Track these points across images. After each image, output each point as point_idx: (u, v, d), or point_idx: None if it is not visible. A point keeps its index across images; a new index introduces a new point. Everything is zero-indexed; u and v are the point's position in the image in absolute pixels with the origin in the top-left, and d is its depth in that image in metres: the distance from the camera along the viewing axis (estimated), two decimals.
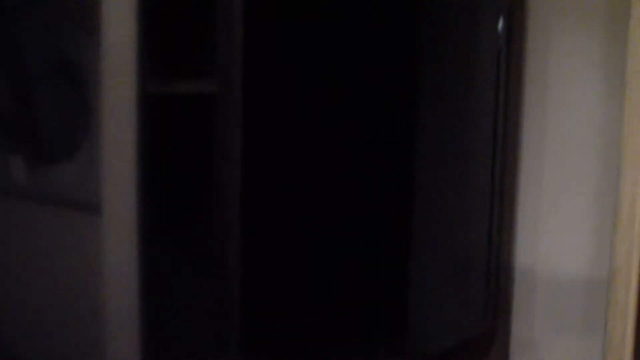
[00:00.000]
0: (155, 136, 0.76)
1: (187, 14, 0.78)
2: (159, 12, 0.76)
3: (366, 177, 0.94)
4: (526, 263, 1.21)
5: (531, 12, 1.19)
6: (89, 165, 0.76)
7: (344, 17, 0.90)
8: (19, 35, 0.73)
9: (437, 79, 1.04)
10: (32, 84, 0.75)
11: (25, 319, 0.78)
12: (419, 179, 1.02)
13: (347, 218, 0.92)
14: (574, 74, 1.14)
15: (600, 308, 1.06)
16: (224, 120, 0.81)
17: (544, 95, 1.18)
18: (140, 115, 0.75)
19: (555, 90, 1.16)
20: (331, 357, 0.91)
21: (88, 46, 0.74)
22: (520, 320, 1.22)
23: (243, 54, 0.79)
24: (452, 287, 1.11)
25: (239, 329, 0.84)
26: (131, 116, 0.75)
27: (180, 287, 0.81)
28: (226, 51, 0.79)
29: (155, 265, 0.78)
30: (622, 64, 0.97)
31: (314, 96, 0.87)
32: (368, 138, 0.94)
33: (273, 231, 0.86)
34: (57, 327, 0.78)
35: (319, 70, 0.88)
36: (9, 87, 0.74)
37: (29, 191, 0.77)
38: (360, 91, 0.92)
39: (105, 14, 0.73)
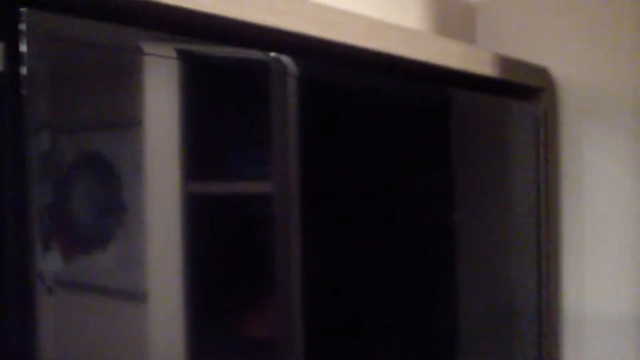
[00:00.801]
0: (196, 236, 0.78)
1: (232, 116, 0.82)
2: (202, 114, 0.79)
3: (417, 270, 1.03)
4: (574, 314, 1.31)
5: (563, 112, 1.30)
6: (132, 260, 0.76)
7: (389, 121, 0.99)
8: (60, 130, 0.73)
9: (482, 177, 1.15)
10: (70, 179, 0.74)
11: None
12: (471, 241, 1.12)
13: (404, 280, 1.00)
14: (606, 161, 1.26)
15: None
16: (279, 218, 0.84)
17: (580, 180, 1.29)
18: (182, 213, 0.77)
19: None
20: None
21: (128, 142, 0.75)
22: None
23: (293, 156, 0.84)
24: (502, 341, 1.19)
25: None
26: (174, 214, 0.77)
27: None
28: (278, 153, 0.83)
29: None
30: None
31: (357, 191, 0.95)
32: (418, 214, 1.03)
33: (326, 290, 0.91)
34: None
35: (366, 169, 0.96)
36: (48, 181, 0.73)
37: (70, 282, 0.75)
38: (408, 190, 1.02)
39: (148, 110, 0.75)
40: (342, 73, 0.93)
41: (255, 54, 0.82)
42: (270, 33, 0.81)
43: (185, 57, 0.77)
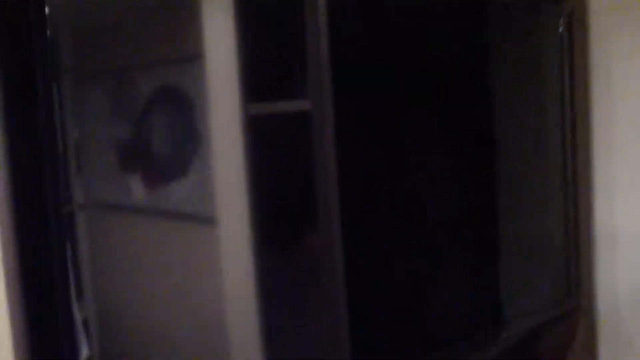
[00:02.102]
0: (258, 152, 0.82)
1: (279, 41, 0.86)
2: (255, 41, 0.82)
3: (456, 174, 1.05)
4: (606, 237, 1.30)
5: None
6: (202, 181, 0.81)
7: (421, 33, 1.00)
8: (132, 67, 0.79)
9: (510, 81, 1.15)
10: (146, 111, 0.79)
11: (146, 329, 0.81)
12: (503, 172, 1.13)
13: (443, 212, 1.03)
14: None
15: None
16: (317, 134, 0.87)
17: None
18: (244, 134, 0.81)
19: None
20: (432, 337, 1.03)
21: (193, 74, 0.80)
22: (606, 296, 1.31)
23: (332, 76, 0.85)
24: (536, 269, 1.21)
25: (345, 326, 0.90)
26: (236, 135, 0.81)
27: (292, 291, 0.88)
28: (316, 73, 0.86)
29: (267, 272, 0.84)
30: None
31: (399, 104, 0.97)
32: (454, 138, 1.04)
33: (372, 226, 0.93)
34: (178, 337, 0.82)
35: (401, 83, 0.97)
36: (127, 115, 0.78)
37: (147, 207, 0.81)
38: (442, 97, 1.03)
39: (208, 44, 0.80)
40: None
41: None
42: None
43: None
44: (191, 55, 0.80)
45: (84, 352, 0.73)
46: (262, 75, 0.84)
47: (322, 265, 0.90)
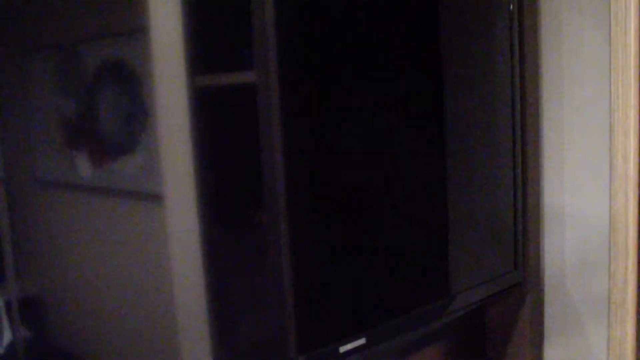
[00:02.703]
0: (204, 126, 0.83)
1: (226, 14, 0.85)
2: (202, 13, 0.83)
3: (405, 149, 1.05)
4: (553, 211, 1.32)
5: None
6: (147, 158, 0.80)
7: (369, 8, 1.00)
8: (77, 39, 0.77)
9: (459, 59, 1.15)
10: (91, 85, 0.77)
11: (91, 309, 0.79)
12: (453, 149, 1.14)
13: (392, 185, 1.03)
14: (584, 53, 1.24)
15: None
16: (262, 107, 0.88)
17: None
18: (190, 107, 0.81)
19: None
20: (386, 305, 1.04)
21: (139, 47, 0.79)
22: (552, 267, 1.33)
23: (277, 49, 0.87)
24: (484, 241, 1.22)
25: (292, 290, 0.93)
26: (183, 109, 0.81)
27: (238, 269, 0.88)
28: (262, 46, 0.87)
29: (214, 249, 0.85)
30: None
31: (346, 78, 0.97)
32: (403, 113, 1.05)
33: (318, 200, 0.95)
34: (124, 316, 0.81)
35: (346, 61, 0.96)
36: (73, 89, 0.76)
37: (93, 185, 0.79)
38: (391, 72, 1.03)
39: (153, 15, 0.79)
40: None
41: None
42: None
43: None
44: (136, 29, 0.79)
45: (6, 336, 0.71)
46: (207, 47, 0.84)
47: (269, 241, 0.91)
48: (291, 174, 0.91)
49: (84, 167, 0.77)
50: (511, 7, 1.21)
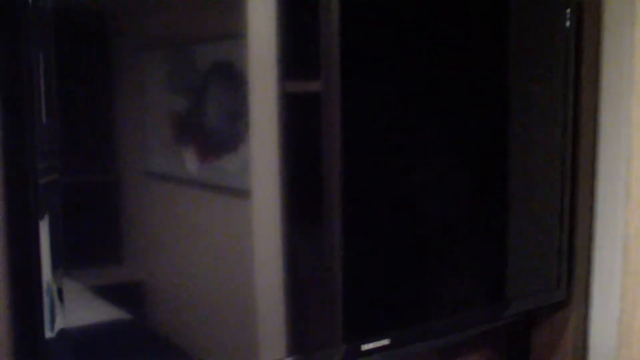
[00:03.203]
0: (291, 129, 0.91)
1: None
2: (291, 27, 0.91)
3: (463, 155, 1.08)
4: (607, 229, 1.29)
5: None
6: (242, 156, 0.87)
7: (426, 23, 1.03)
8: (190, 40, 0.83)
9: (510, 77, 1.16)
10: (201, 85, 0.83)
11: (190, 297, 0.86)
12: (504, 153, 1.15)
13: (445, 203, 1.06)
14: None
15: None
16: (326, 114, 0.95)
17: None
18: (279, 112, 0.89)
19: None
20: (414, 309, 1.06)
21: (240, 50, 0.86)
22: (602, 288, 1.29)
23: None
24: (529, 253, 1.21)
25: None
26: (272, 113, 0.89)
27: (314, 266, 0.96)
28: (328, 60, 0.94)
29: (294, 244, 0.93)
30: None
31: (401, 90, 1.01)
32: (459, 125, 1.08)
33: (371, 195, 1.00)
34: (219, 303, 0.88)
35: (406, 68, 1.01)
36: (184, 88, 0.82)
37: (198, 180, 0.85)
38: (447, 90, 1.06)
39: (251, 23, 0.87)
40: None
41: None
42: None
43: None
44: (238, 34, 0.87)
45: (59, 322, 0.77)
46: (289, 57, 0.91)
47: (325, 238, 0.97)
48: (348, 176, 0.97)
49: (191, 163, 0.84)
50: (567, 23, 1.20)
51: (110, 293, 0.79)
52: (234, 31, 0.86)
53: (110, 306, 0.80)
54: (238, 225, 0.88)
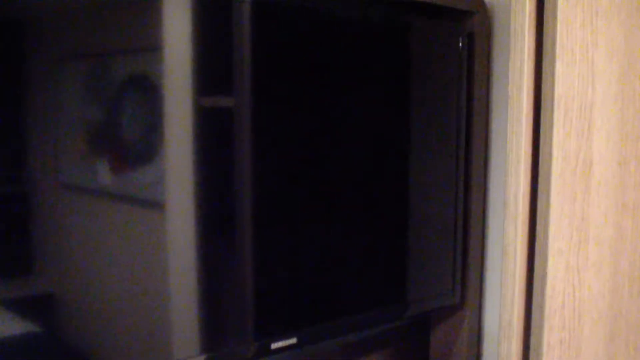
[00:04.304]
0: (203, 141, 0.95)
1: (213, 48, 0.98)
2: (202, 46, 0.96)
3: (360, 171, 1.17)
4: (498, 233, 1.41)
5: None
6: (156, 168, 0.91)
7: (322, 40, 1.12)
8: (101, 54, 0.85)
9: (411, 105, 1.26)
10: (114, 98, 0.85)
11: (101, 306, 0.88)
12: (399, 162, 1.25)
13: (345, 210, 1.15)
14: None
15: None
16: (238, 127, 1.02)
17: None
18: (193, 125, 0.94)
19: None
20: (338, 316, 1.14)
21: (155, 63, 0.89)
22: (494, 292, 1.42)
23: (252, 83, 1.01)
24: (426, 257, 1.32)
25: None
26: (186, 126, 0.94)
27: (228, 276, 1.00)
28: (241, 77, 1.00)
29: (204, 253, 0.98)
30: None
31: (309, 108, 1.10)
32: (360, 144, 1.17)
33: (282, 206, 1.07)
34: (130, 312, 0.91)
35: (309, 89, 1.10)
36: (98, 100, 0.83)
37: (111, 191, 0.87)
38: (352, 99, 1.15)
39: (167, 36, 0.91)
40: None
41: None
42: None
43: None
44: (153, 47, 0.90)
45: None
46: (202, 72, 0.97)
47: (235, 243, 1.03)
48: (258, 185, 1.04)
49: (104, 174, 0.86)
50: (461, 49, 1.33)
51: (19, 305, 0.81)
52: (148, 44, 0.90)
53: (20, 319, 0.81)
54: (151, 232, 0.92)
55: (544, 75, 1.05)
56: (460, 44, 1.33)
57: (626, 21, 1.13)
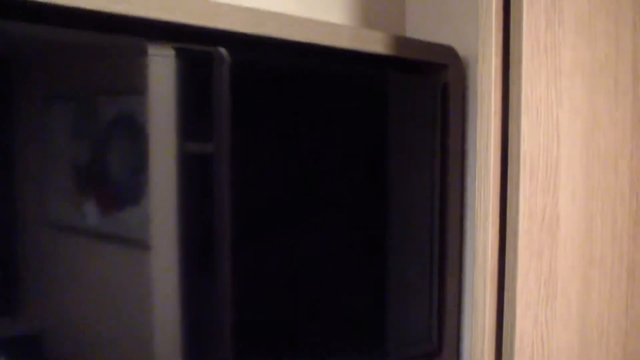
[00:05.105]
0: (186, 185, 0.99)
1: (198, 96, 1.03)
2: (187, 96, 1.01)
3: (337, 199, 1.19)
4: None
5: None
6: (142, 209, 0.94)
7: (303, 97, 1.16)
8: (89, 96, 0.87)
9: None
10: (102, 137, 0.87)
11: (89, 345, 0.91)
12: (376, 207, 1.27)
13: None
14: None
15: None
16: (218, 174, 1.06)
17: None
18: (177, 169, 0.98)
19: None
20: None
21: (140, 106, 0.92)
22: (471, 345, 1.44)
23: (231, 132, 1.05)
24: (403, 305, 1.34)
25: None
26: (171, 170, 0.97)
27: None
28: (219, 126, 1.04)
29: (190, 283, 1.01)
30: None
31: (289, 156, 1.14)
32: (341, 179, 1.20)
33: (260, 250, 1.10)
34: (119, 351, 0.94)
35: (287, 136, 1.14)
36: (85, 139, 0.86)
37: (95, 231, 0.89)
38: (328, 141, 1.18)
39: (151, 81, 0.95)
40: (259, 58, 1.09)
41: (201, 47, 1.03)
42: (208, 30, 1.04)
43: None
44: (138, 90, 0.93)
45: None
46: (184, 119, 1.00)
47: (218, 281, 1.05)
48: (238, 229, 1.07)
49: (91, 214, 0.88)
50: (438, 97, 1.37)
51: (3, 346, 0.82)
52: (135, 89, 0.93)
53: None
54: (135, 273, 0.95)
55: (510, 134, 1.08)
56: (436, 95, 1.37)
57: (589, 80, 1.16)
